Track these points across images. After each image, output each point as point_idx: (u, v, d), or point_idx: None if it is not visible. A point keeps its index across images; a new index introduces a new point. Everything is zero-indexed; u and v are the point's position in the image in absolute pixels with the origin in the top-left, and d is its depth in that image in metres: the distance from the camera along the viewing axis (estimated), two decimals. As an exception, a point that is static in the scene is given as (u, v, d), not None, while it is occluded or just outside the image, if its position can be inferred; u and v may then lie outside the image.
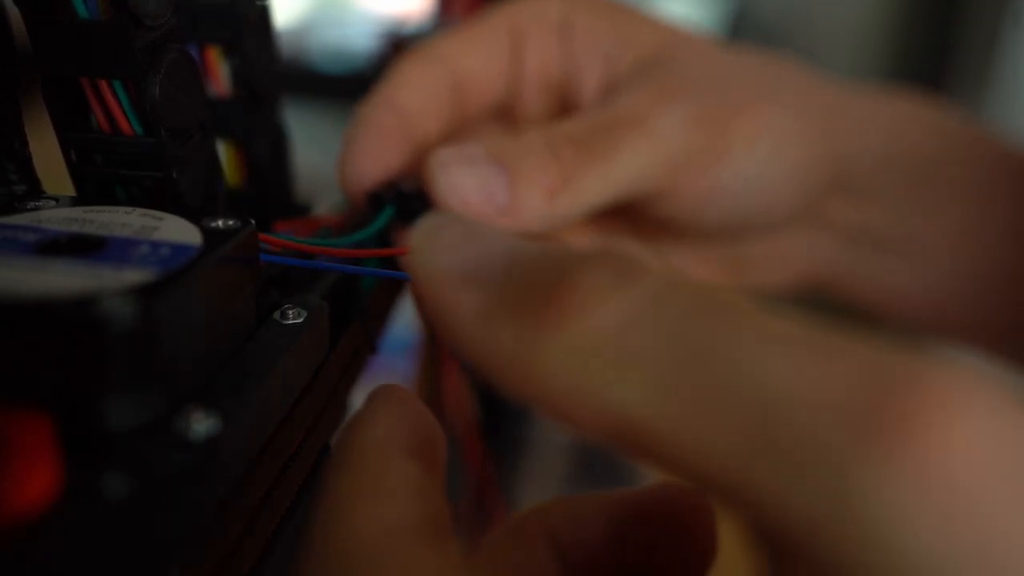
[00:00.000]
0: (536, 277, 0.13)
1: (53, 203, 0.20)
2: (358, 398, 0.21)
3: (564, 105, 0.32)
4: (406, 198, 0.25)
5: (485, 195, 0.24)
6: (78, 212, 0.19)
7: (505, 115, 0.32)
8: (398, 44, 0.69)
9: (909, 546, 0.09)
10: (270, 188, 0.27)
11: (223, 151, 0.26)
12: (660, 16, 0.32)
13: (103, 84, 0.20)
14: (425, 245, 0.15)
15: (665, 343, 0.12)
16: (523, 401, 0.13)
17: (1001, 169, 0.34)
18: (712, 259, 0.34)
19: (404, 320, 0.20)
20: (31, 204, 0.20)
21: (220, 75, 0.25)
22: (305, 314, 0.20)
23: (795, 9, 1.14)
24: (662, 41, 0.30)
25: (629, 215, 0.31)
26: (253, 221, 0.20)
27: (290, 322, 0.20)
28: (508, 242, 0.14)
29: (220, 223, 0.19)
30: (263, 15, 0.25)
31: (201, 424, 0.16)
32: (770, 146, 0.29)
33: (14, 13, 0.20)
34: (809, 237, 0.33)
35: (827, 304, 0.34)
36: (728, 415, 0.11)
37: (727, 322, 0.12)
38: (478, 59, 0.30)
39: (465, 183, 0.24)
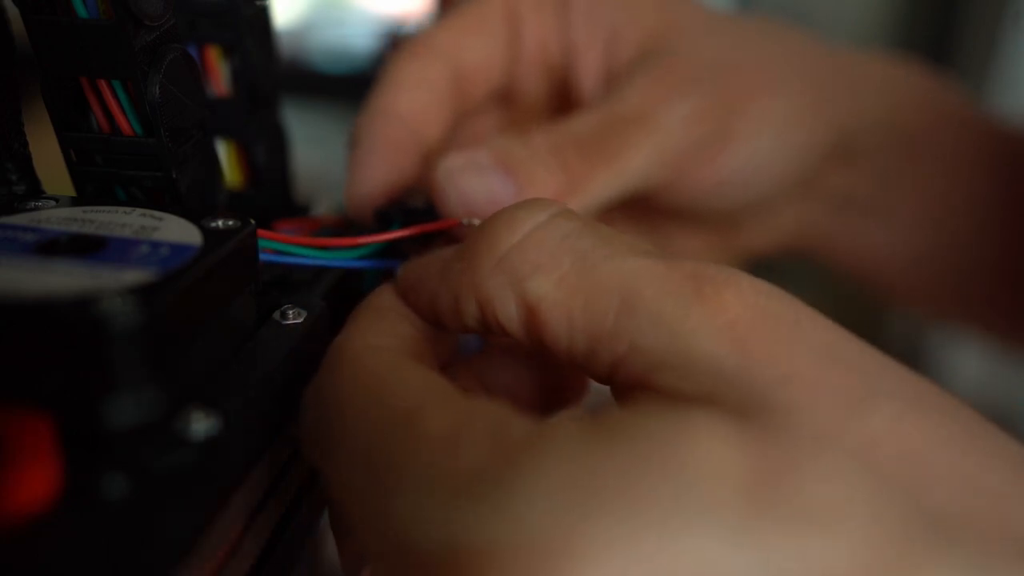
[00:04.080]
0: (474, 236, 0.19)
1: (53, 203, 0.20)
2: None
3: (565, 87, 0.31)
4: (413, 214, 0.25)
5: (493, 204, 0.24)
6: (78, 212, 0.19)
7: (505, 98, 0.32)
8: (398, 44, 0.69)
9: (719, 359, 0.15)
10: (270, 188, 0.27)
11: (223, 151, 0.26)
12: None
13: (103, 84, 0.20)
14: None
15: (559, 252, 0.17)
16: (474, 315, 0.19)
17: (987, 145, 0.35)
18: (705, 231, 0.34)
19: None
20: (31, 204, 0.20)
21: (220, 75, 0.25)
22: (305, 314, 0.20)
23: (795, 9, 1.14)
24: (664, 19, 0.30)
25: (628, 202, 0.31)
26: (253, 221, 0.20)
27: (290, 322, 0.20)
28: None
29: (220, 223, 0.19)
30: (263, 15, 0.25)
31: (201, 424, 0.16)
32: (774, 133, 0.29)
33: (14, 13, 0.20)
34: (800, 204, 0.34)
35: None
36: (603, 295, 0.17)
37: (603, 239, 0.17)
38: (476, 48, 0.29)
39: (473, 193, 0.24)
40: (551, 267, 0.17)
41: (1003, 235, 0.35)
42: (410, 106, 0.27)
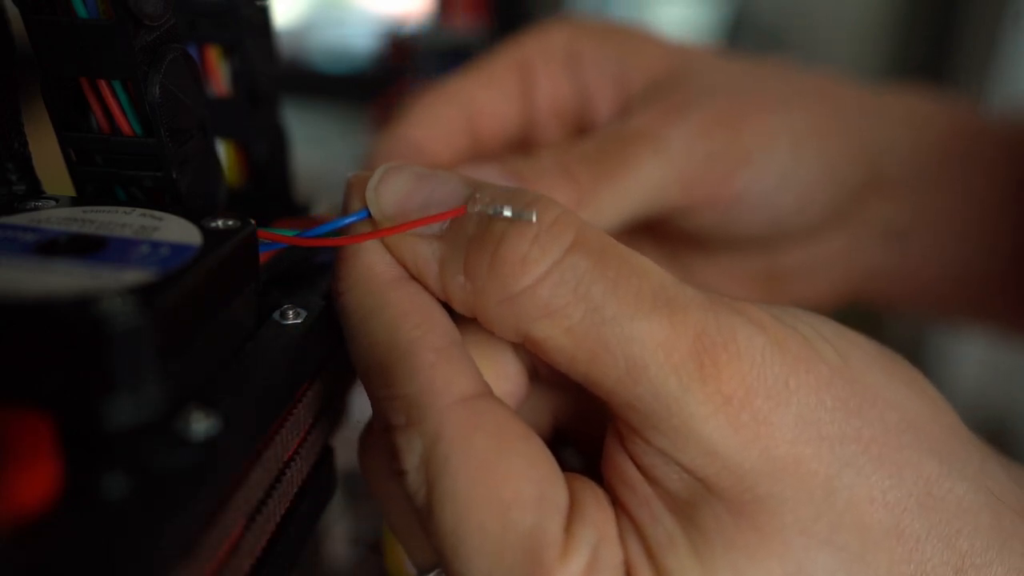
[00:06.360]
0: (476, 238, 0.19)
1: (53, 203, 0.20)
2: (358, 398, 0.21)
3: (581, 133, 0.31)
4: None
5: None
6: (78, 212, 0.19)
7: (525, 147, 0.32)
8: (398, 44, 0.69)
9: (713, 441, 0.17)
10: (270, 188, 0.27)
11: (223, 151, 0.26)
12: (669, 36, 0.32)
13: (103, 84, 0.20)
14: (382, 189, 0.20)
15: (570, 303, 0.18)
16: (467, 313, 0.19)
17: (1013, 157, 0.34)
18: (747, 275, 0.33)
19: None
20: (31, 204, 0.20)
21: (220, 75, 0.25)
22: (305, 314, 0.20)
23: (795, 10, 1.14)
24: (672, 60, 0.30)
25: (657, 233, 0.31)
26: (253, 221, 0.20)
27: (290, 322, 0.20)
28: (452, 184, 0.20)
29: (220, 223, 0.19)
30: (263, 15, 0.25)
31: (201, 424, 0.16)
32: (790, 147, 0.28)
33: (14, 13, 0.20)
34: (845, 241, 0.33)
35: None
36: (608, 357, 0.17)
37: (614, 285, 0.18)
38: (489, 96, 0.30)
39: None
40: (561, 316, 0.18)
41: None
42: (423, 134, 0.29)
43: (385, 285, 0.19)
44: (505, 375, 0.21)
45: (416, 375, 0.18)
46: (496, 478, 0.17)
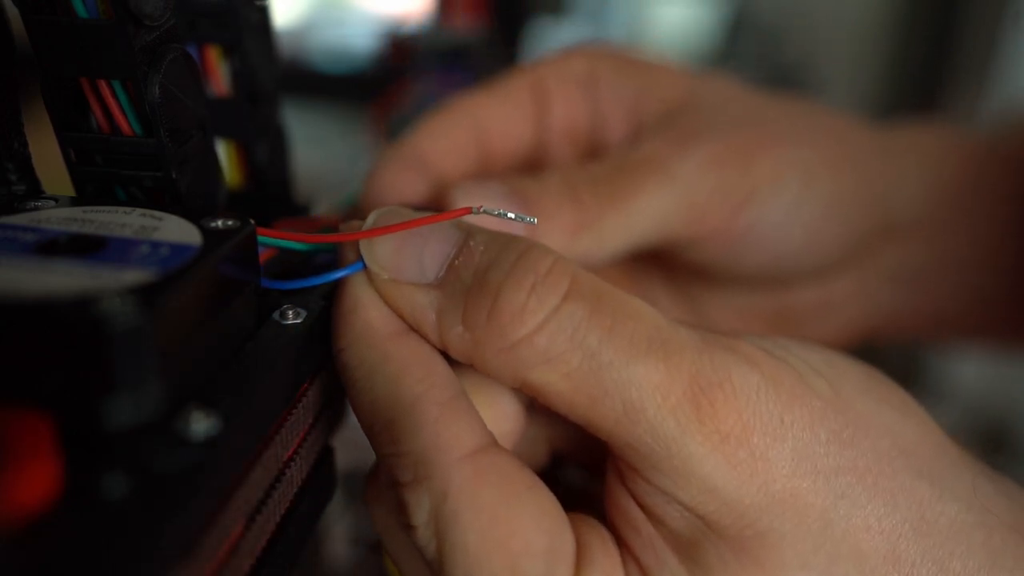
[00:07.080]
0: (474, 289, 0.19)
1: (53, 203, 0.20)
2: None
3: (592, 157, 0.31)
4: None
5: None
6: (78, 212, 0.19)
7: (535, 168, 0.32)
8: (398, 44, 0.69)
9: (712, 479, 0.17)
10: (270, 188, 0.27)
11: (223, 151, 0.26)
12: (685, 66, 0.31)
13: (103, 84, 0.20)
14: (375, 239, 0.20)
15: (568, 350, 0.18)
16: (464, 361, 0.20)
17: (1019, 165, 0.34)
18: (757, 313, 0.33)
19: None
20: (31, 204, 0.20)
21: (220, 75, 0.25)
22: (305, 314, 0.20)
23: (795, 10, 1.14)
24: (686, 90, 0.30)
25: (666, 265, 0.30)
26: (253, 221, 0.20)
27: (290, 322, 0.20)
28: (445, 229, 0.20)
29: (220, 223, 0.19)
30: (263, 15, 0.25)
31: (201, 424, 0.16)
32: (800, 183, 0.28)
33: (14, 13, 0.20)
34: (855, 285, 0.33)
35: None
36: (606, 399, 0.18)
37: (609, 333, 0.18)
38: (501, 114, 0.30)
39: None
40: (559, 363, 0.18)
41: None
42: (431, 147, 0.28)
43: (385, 339, 0.20)
44: (504, 415, 0.21)
45: (421, 431, 0.18)
46: (505, 530, 0.17)
